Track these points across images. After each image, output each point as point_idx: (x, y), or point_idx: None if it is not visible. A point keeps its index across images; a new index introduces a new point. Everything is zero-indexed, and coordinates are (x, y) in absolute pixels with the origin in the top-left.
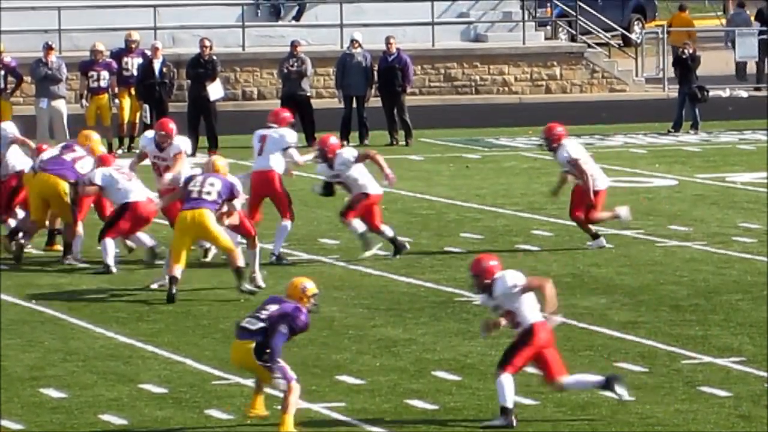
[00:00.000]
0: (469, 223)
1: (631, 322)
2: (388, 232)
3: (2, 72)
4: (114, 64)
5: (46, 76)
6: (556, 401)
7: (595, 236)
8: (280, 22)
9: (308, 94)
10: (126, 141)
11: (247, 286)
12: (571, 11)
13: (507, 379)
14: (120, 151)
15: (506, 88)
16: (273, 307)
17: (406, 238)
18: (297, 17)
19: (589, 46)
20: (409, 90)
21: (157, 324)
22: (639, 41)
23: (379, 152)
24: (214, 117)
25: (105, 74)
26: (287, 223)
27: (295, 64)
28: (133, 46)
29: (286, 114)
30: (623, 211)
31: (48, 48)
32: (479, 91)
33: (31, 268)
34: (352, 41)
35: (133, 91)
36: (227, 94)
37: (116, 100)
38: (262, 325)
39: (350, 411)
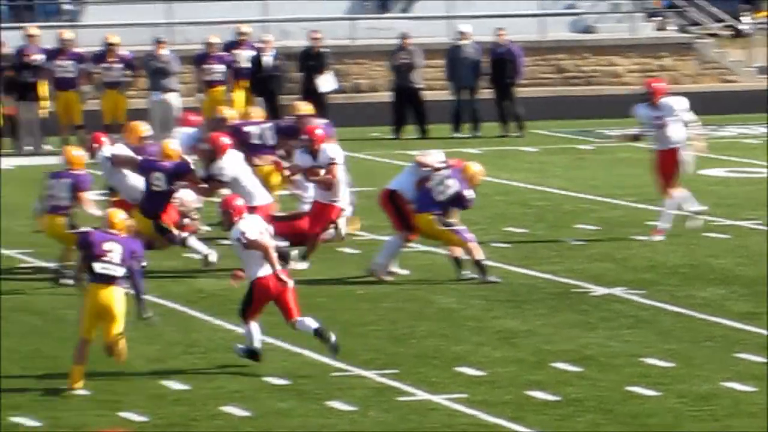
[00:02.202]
0: (585, 214)
1: (750, 313)
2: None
3: (118, 65)
4: (228, 57)
5: (158, 69)
6: (678, 393)
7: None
8: (389, 14)
9: (419, 86)
10: None
11: (492, 278)
12: (680, 2)
13: (254, 325)
14: None
15: (617, 79)
16: None
17: (522, 229)
18: (405, 9)
19: (699, 36)
20: (519, 81)
21: (278, 316)
22: (749, 31)
23: (492, 143)
24: (326, 110)
25: (219, 67)
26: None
27: (406, 56)
28: (244, 38)
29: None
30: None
31: (159, 42)
32: (590, 82)
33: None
34: (461, 33)
35: (245, 84)
36: (338, 87)
37: (230, 93)
38: None
39: (471, 402)
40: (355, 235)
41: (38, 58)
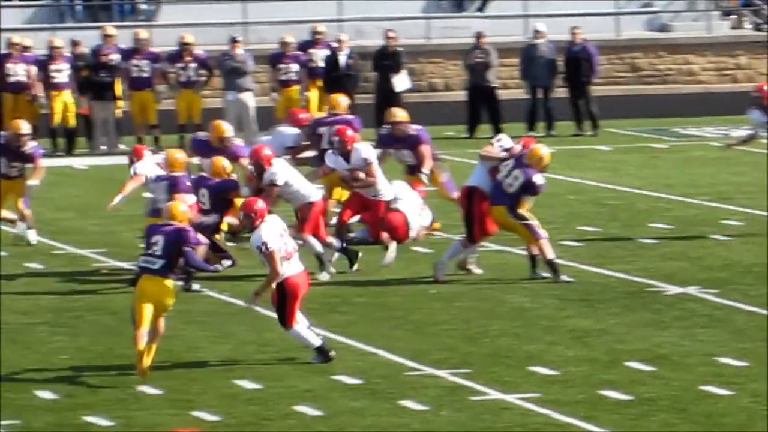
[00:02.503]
0: (659, 213)
1: None
2: (336, 243)
3: (193, 65)
4: (303, 56)
5: (233, 69)
6: (752, 392)
7: None
8: (464, 13)
9: (494, 85)
10: None
11: (565, 278)
12: (756, 0)
13: (300, 327)
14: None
15: (692, 78)
16: None
17: (595, 228)
18: (481, 8)
19: None
20: (594, 80)
21: (350, 315)
22: None
23: (567, 142)
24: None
25: (294, 66)
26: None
27: (481, 55)
28: (319, 38)
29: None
30: None
31: (234, 41)
32: (665, 80)
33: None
34: (536, 32)
35: (320, 83)
36: (413, 86)
37: (305, 93)
38: None
39: (544, 401)
40: (431, 234)
41: (114, 57)
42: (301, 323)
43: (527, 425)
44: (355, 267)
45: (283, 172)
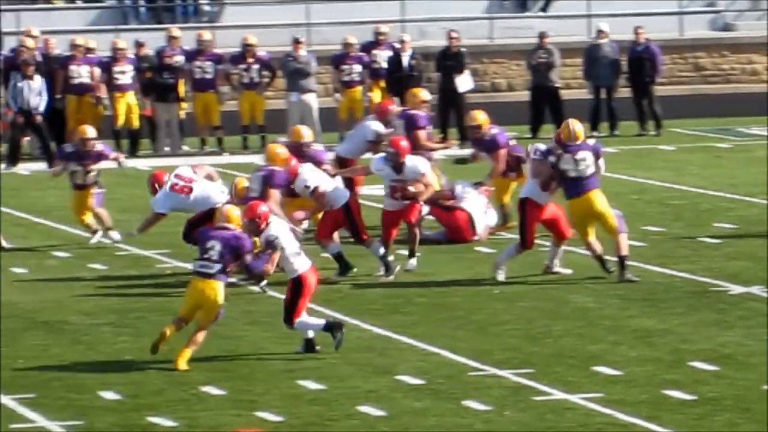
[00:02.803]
0: (722, 213)
1: None
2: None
3: (256, 66)
4: (366, 57)
5: (296, 70)
6: None
7: None
8: (527, 13)
9: (557, 85)
10: None
11: (628, 276)
12: None
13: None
14: None
15: (755, 77)
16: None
17: (659, 227)
18: (544, 8)
19: None
20: (658, 80)
21: (413, 316)
22: None
23: (630, 142)
24: (464, 109)
25: (357, 67)
26: None
27: (544, 55)
28: (382, 39)
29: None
30: None
31: (297, 42)
32: (729, 80)
33: None
34: (599, 32)
35: (382, 84)
36: (476, 86)
37: (368, 93)
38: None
39: (607, 401)
40: (494, 234)
41: (177, 59)
42: (302, 318)
43: (590, 425)
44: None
45: (312, 176)
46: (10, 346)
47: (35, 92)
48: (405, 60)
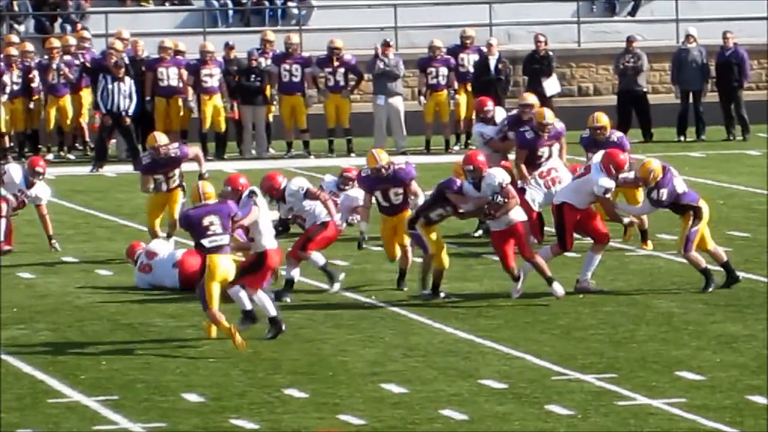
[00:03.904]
0: None
1: None
2: (320, 261)
3: (342, 69)
4: (452, 61)
5: (384, 72)
6: None
7: None
8: (615, 18)
9: (644, 89)
10: (463, 138)
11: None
12: None
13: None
14: (456, 148)
15: None
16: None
17: (745, 233)
18: (632, 12)
19: None
20: (745, 85)
21: (496, 320)
22: None
23: (717, 147)
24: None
25: (443, 71)
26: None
27: (631, 59)
28: (468, 42)
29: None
30: None
31: (385, 45)
32: None
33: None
34: (688, 36)
35: (469, 88)
36: (563, 90)
37: (455, 97)
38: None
39: (690, 407)
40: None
41: (266, 62)
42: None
43: (673, 430)
44: (336, 287)
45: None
46: (94, 347)
47: (125, 94)
48: (492, 63)
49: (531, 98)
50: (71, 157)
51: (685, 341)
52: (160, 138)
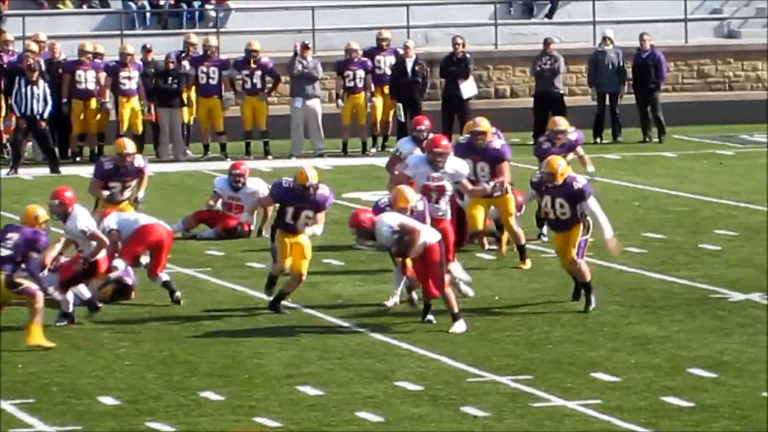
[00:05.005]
0: (724, 220)
1: None
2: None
3: (259, 72)
4: (369, 63)
5: (302, 75)
6: None
7: None
8: (532, 20)
9: (561, 91)
10: (380, 140)
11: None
12: None
13: None
14: (374, 150)
15: (759, 84)
16: (15, 236)
17: (660, 235)
18: (549, 15)
19: None
20: (662, 87)
21: (412, 322)
22: None
23: (633, 149)
24: (468, 115)
25: (360, 73)
26: None
27: (548, 61)
28: (385, 44)
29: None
30: None
31: (304, 47)
32: (732, 87)
33: None
34: (605, 38)
35: (386, 90)
36: (480, 92)
37: (372, 99)
38: (9, 253)
39: (606, 408)
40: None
41: (184, 64)
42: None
43: None
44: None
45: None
46: (9, 351)
47: (39, 98)
48: (409, 66)
49: (484, 123)
50: None
51: (600, 343)
52: (129, 145)
